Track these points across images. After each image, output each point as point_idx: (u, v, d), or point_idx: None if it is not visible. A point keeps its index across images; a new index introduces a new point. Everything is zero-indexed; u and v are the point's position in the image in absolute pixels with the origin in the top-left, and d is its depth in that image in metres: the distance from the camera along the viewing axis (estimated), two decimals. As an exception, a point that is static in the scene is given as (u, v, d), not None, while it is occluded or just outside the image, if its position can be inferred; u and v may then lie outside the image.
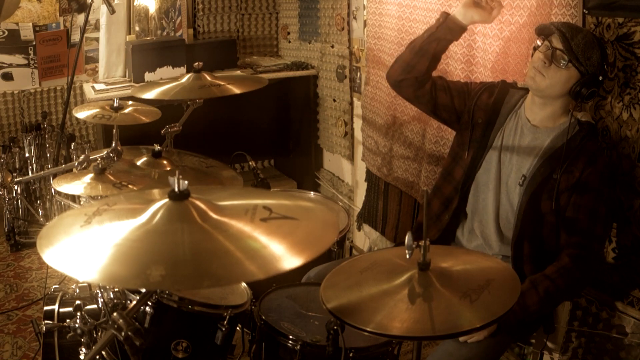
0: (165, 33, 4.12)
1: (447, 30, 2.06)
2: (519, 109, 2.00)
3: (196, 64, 2.42)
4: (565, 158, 1.84)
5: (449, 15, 2.06)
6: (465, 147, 2.08)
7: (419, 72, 2.09)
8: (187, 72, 2.57)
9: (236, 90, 2.36)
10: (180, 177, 1.27)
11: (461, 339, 1.82)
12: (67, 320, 1.76)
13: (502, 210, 1.99)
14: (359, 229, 3.57)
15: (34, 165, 3.81)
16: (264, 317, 1.81)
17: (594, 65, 1.79)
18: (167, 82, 2.45)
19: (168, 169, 2.32)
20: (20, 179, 3.04)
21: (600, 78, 1.81)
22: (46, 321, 2.07)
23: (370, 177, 3.38)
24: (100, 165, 2.10)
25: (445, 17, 2.07)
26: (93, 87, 3.76)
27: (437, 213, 2.13)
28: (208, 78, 2.39)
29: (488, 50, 2.32)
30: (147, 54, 3.70)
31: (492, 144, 2.02)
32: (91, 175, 2.09)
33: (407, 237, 1.42)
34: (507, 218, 1.97)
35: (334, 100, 3.76)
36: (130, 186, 2.05)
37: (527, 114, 1.97)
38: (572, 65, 1.80)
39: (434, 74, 2.15)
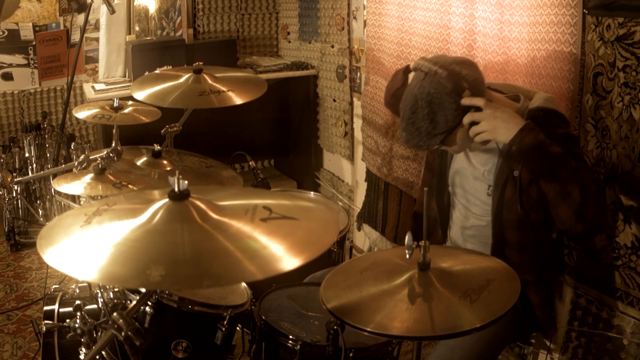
0: (165, 33, 4.12)
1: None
2: None
3: (196, 64, 2.41)
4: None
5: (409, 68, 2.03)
6: (430, 172, 2.13)
7: None
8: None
9: (236, 100, 2.33)
10: (180, 177, 1.27)
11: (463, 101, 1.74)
12: (67, 320, 1.75)
13: (480, 225, 1.99)
14: (359, 229, 3.57)
15: (34, 165, 3.81)
16: (264, 317, 1.81)
17: (448, 120, 1.74)
18: (166, 80, 2.43)
19: (168, 169, 2.32)
20: (20, 179, 3.03)
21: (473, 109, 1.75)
22: (46, 321, 2.06)
23: (370, 177, 3.38)
24: (100, 165, 2.10)
25: (407, 71, 2.04)
26: (93, 87, 3.76)
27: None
28: (208, 80, 2.38)
29: (488, 50, 2.32)
30: (147, 54, 3.70)
31: (449, 166, 2.03)
32: (91, 175, 2.09)
33: (407, 237, 1.42)
34: (486, 235, 1.98)
35: (334, 100, 3.76)
36: (130, 186, 2.05)
37: None
38: (444, 139, 1.78)
39: None
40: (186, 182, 1.27)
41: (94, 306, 1.99)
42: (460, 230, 2.05)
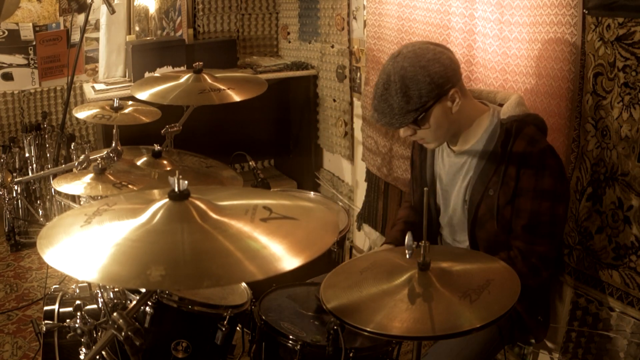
0: (165, 33, 4.12)
1: None
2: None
3: (196, 64, 2.42)
4: (493, 173, 1.79)
5: None
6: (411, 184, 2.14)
7: None
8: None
9: (236, 98, 2.34)
10: (180, 177, 1.27)
11: None
12: (67, 320, 1.76)
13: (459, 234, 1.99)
14: (359, 229, 3.57)
15: (34, 165, 3.81)
16: (264, 317, 1.81)
17: (422, 95, 1.71)
18: (166, 80, 2.44)
19: (168, 169, 2.32)
20: (20, 179, 3.04)
21: (448, 86, 1.74)
22: (46, 321, 2.06)
23: (370, 177, 3.38)
24: (100, 165, 2.10)
25: None
26: (93, 87, 3.76)
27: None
28: (208, 80, 2.38)
29: (488, 50, 2.32)
30: (147, 54, 3.70)
31: (429, 179, 2.02)
32: (91, 175, 2.09)
33: (407, 237, 1.42)
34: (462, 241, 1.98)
35: (334, 100, 3.76)
36: (130, 186, 2.05)
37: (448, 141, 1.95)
38: (418, 117, 1.75)
39: None
40: (186, 182, 1.27)
41: (94, 306, 1.99)
42: (452, 242, 2.06)
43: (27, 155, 3.81)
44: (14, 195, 3.58)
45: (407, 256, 1.42)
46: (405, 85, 1.72)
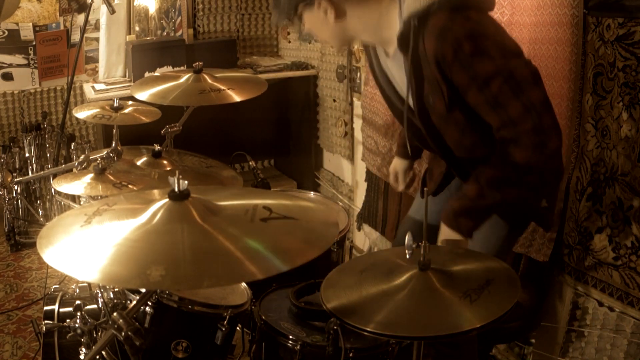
0: (165, 33, 4.12)
1: None
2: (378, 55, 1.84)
3: (196, 64, 2.42)
4: (422, 80, 1.60)
5: None
6: None
7: None
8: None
9: (236, 98, 2.34)
10: (180, 177, 1.27)
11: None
12: (67, 320, 1.75)
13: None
14: (359, 229, 3.57)
15: (34, 165, 3.81)
16: (264, 317, 1.81)
17: None
18: (166, 80, 2.44)
19: (168, 169, 2.32)
20: (20, 179, 3.03)
21: None
22: (46, 321, 2.06)
23: (370, 177, 3.38)
24: (100, 165, 2.10)
25: None
26: (93, 87, 3.76)
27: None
28: (208, 80, 2.38)
29: (488, 50, 2.32)
30: (147, 54, 3.70)
31: (384, 82, 1.87)
32: (91, 175, 2.09)
33: (407, 237, 1.42)
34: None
35: (334, 100, 3.76)
36: (130, 186, 2.05)
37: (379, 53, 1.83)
38: (291, 18, 1.73)
39: None
40: (186, 182, 1.27)
41: (94, 306, 1.99)
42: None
43: (27, 155, 3.81)
44: (14, 195, 3.58)
45: (407, 256, 1.42)
46: None
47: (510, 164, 1.55)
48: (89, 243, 1.21)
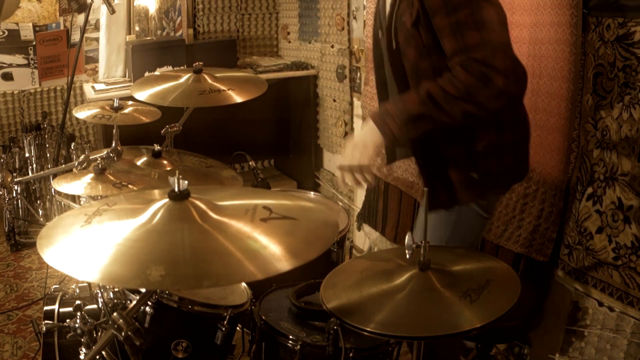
0: (165, 33, 4.12)
1: None
2: None
3: (196, 64, 2.42)
4: None
5: None
6: None
7: None
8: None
9: (236, 99, 2.34)
10: (180, 177, 1.27)
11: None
12: (67, 320, 1.75)
13: None
14: (359, 229, 3.57)
15: (34, 165, 3.81)
16: (264, 317, 1.81)
17: None
18: (166, 80, 2.44)
19: (168, 169, 2.31)
20: (20, 179, 3.04)
21: None
22: (46, 321, 2.06)
23: (370, 177, 3.38)
24: (100, 165, 2.10)
25: None
26: (93, 87, 3.76)
27: None
28: (208, 80, 2.38)
29: (488, 50, 2.32)
30: (147, 54, 3.70)
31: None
32: (91, 175, 2.09)
33: (407, 237, 1.42)
34: None
35: (334, 100, 3.76)
36: (130, 186, 2.05)
37: None
38: None
39: None
40: (186, 182, 1.27)
41: (94, 306, 1.99)
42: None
43: (27, 155, 3.81)
44: (14, 195, 3.58)
45: (407, 256, 1.42)
46: None
47: (452, 83, 1.57)
48: (89, 243, 1.21)
